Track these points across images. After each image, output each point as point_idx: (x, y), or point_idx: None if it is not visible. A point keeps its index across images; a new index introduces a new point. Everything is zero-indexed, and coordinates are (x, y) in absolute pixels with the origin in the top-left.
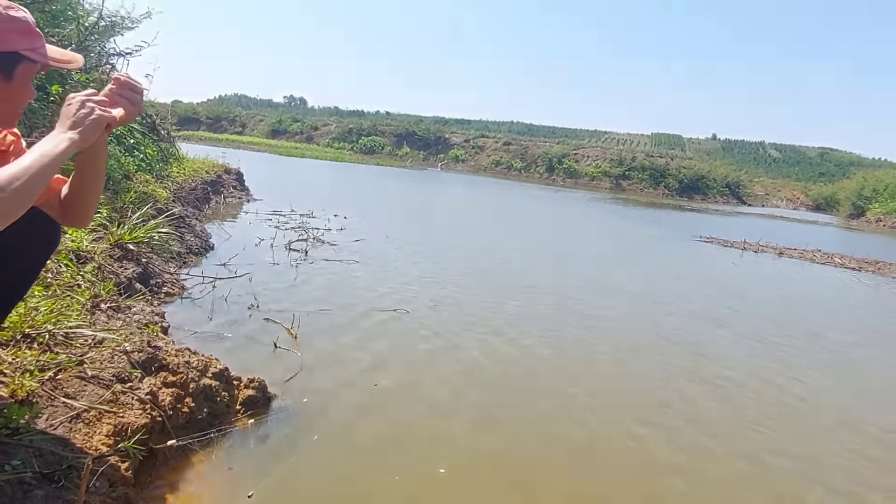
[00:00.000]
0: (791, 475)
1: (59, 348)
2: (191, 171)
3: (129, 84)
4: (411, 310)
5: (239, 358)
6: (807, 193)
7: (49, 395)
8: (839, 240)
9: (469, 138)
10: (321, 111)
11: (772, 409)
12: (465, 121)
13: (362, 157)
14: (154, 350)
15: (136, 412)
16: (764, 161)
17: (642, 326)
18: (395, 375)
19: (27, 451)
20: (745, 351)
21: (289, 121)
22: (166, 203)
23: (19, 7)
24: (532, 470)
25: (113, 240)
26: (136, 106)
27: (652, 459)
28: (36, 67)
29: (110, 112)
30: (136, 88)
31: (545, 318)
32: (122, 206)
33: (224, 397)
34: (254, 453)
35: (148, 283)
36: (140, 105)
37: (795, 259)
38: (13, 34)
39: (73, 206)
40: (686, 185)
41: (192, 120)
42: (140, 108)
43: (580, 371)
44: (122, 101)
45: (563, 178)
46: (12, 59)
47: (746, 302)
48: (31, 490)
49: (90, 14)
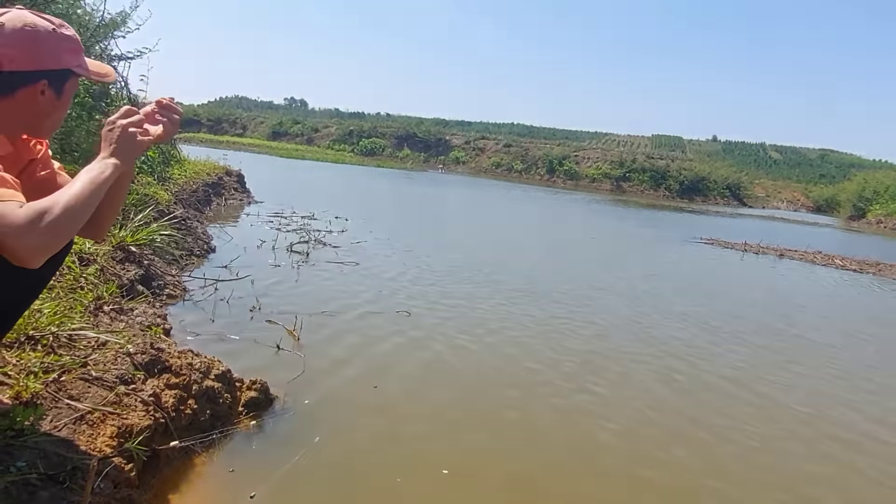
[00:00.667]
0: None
1: (62, 350)
2: (192, 173)
3: (171, 107)
4: (413, 312)
5: (241, 360)
6: (807, 195)
7: (53, 397)
8: (840, 241)
9: (470, 140)
10: (322, 113)
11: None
12: (465, 122)
13: (363, 158)
14: (157, 352)
15: (140, 414)
16: (764, 163)
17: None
18: (396, 377)
19: (32, 453)
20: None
21: (289, 123)
22: (168, 205)
23: (68, 25)
24: (535, 470)
25: (115, 242)
26: (175, 126)
27: (670, 464)
28: (78, 81)
29: (149, 134)
30: (176, 111)
31: (549, 321)
32: (123, 208)
33: (226, 399)
34: (256, 454)
35: (150, 285)
36: (178, 125)
37: (796, 261)
38: (67, 53)
39: (92, 220)
40: (687, 186)
41: (193, 122)
42: (177, 127)
43: (593, 375)
44: (161, 121)
45: (564, 180)
46: (63, 77)
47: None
48: (35, 491)
49: (92, 16)
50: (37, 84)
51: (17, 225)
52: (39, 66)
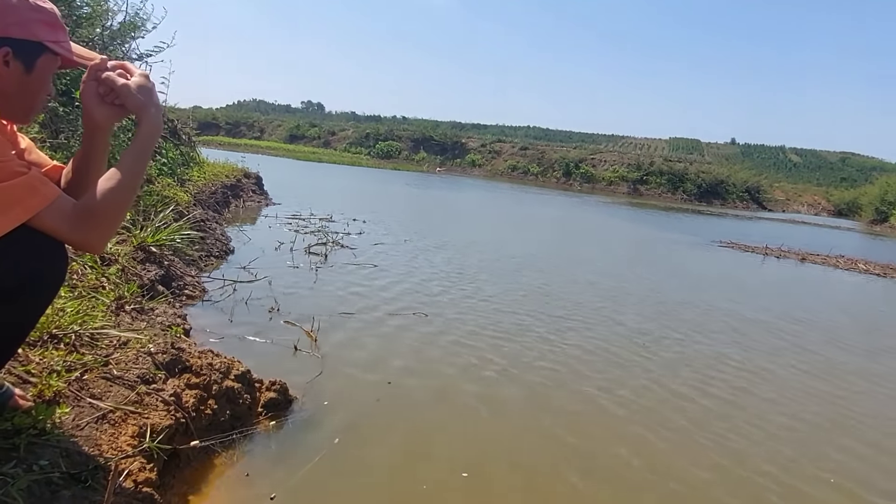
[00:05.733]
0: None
1: (84, 349)
2: (211, 175)
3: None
4: (430, 313)
5: (259, 360)
6: (828, 198)
7: (75, 396)
8: (862, 245)
9: (486, 143)
10: (338, 116)
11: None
12: (481, 125)
13: (379, 161)
14: (177, 352)
15: (161, 413)
16: (784, 166)
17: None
18: (414, 379)
19: (54, 452)
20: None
21: (306, 126)
22: (187, 206)
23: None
24: (553, 474)
25: (136, 242)
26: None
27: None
28: (57, 62)
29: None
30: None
31: (570, 321)
32: (144, 209)
33: (246, 399)
34: (276, 455)
35: (170, 285)
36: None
37: (818, 265)
38: (38, 24)
39: (81, 187)
40: (705, 189)
41: (212, 125)
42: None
43: (610, 378)
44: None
45: (581, 183)
46: (35, 50)
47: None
48: (58, 490)
49: (114, 16)
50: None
51: (73, 226)
52: (2, 34)
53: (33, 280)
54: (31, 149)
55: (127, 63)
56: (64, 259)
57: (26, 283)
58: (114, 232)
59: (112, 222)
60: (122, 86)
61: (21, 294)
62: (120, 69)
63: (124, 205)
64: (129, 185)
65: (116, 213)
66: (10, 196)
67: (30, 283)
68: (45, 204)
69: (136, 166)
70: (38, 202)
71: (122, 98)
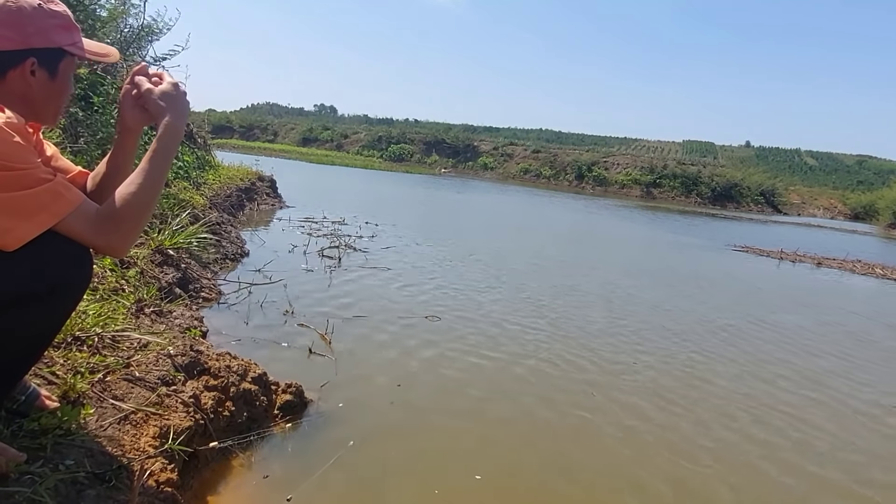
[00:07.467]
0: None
1: (107, 351)
2: (226, 178)
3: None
4: (443, 317)
5: (275, 363)
6: (844, 202)
7: (98, 397)
8: (880, 250)
9: (498, 146)
10: (351, 119)
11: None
12: (493, 128)
13: (391, 164)
14: (196, 354)
15: (181, 415)
16: (800, 169)
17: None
18: (428, 381)
19: (79, 452)
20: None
21: (319, 129)
22: (203, 209)
23: (58, 1)
24: (567, 478)
25: (154, 245)
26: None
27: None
28: (75, 62)
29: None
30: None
31: (587, 325)
32: (161, 212)
33: (263, 401)
34: (292, 457)
35: (187, 288)
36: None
37: (834, 269)
38: (56, 30)
39: (106, 192)
40: (719, 193)
41: (226, 128)
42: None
43: (620, 384)
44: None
45: (593, 186)
46: (56, 56)
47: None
48: (83, 489)
49: (131, 18)
50: (24, 63)
51: (97, 230)
52: (26, 45)
53: (61, 283)
54: (57, 156)
55: (165, 72)
56: (89, 263)
57: (55, 287)
58: (136, 236)
59: (134, 226)
60: (146, 90)
61: (50, 297)
62: (156, 77)
63: (144, 209)
64: (146, 189)
65: (137, 217)
66: (36, 202)
67: (58, 287)
68: (71, 209)
69: (153, 170)
70: (64, 207)
71: (145, 102)
